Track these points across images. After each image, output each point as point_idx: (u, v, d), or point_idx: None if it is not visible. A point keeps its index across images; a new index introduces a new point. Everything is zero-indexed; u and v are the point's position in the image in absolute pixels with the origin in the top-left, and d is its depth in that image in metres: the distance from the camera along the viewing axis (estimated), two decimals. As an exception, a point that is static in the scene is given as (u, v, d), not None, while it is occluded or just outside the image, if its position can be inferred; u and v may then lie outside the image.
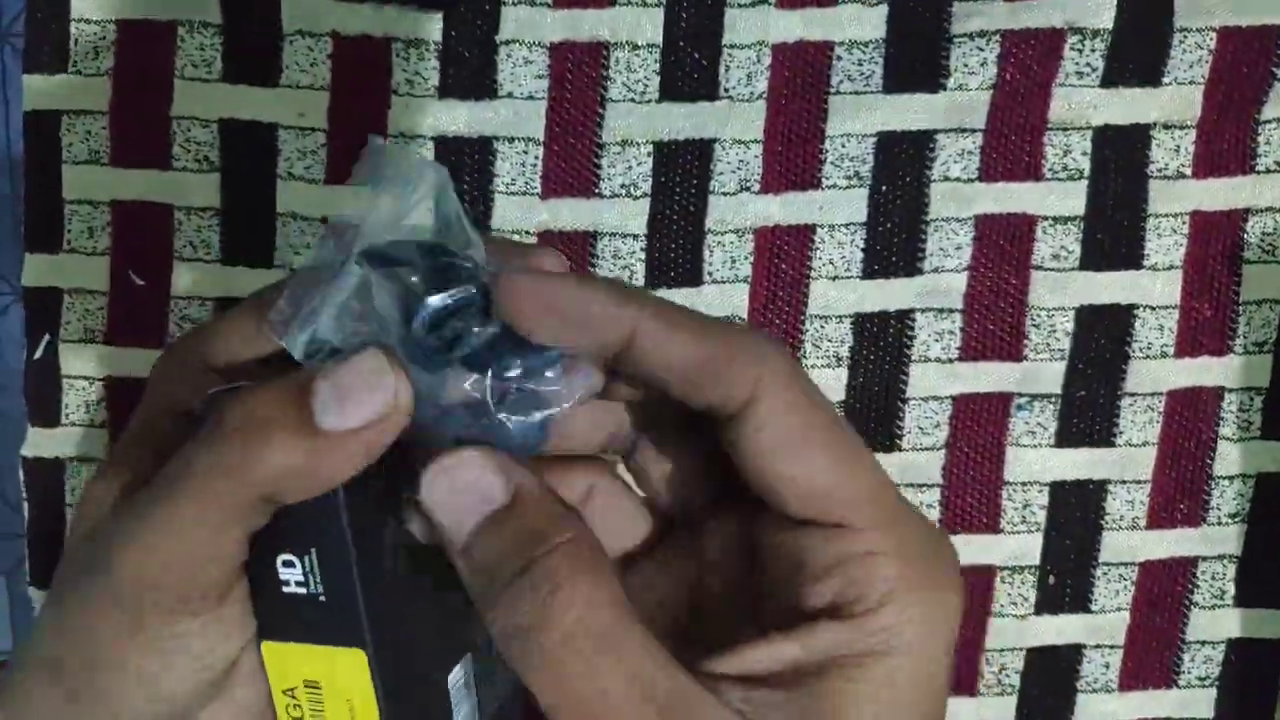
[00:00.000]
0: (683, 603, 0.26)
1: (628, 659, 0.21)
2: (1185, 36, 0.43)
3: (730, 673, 0.22)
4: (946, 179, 0.43)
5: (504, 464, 0.22)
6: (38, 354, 0.44)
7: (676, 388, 0.23)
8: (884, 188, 0.43)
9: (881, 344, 0.44)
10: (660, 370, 0.22)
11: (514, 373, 0.23)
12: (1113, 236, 0.44)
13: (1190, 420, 0.45)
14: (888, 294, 0.44)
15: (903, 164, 0.43)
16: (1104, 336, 0.44)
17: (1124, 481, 0.45)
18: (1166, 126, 0.44)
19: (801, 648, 0.22)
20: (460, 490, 0.22)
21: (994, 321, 0.44)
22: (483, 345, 0.22)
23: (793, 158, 0.43)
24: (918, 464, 0.45)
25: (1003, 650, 0.46)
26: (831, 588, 0.22)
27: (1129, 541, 0.46)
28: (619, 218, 0.43)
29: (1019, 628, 0.46)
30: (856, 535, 0.22)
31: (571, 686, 0.21)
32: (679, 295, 0.44)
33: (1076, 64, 0.43)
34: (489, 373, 0.22)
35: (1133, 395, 0.45)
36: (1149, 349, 0.44)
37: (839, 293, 0.44)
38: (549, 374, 0.23)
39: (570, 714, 0.21)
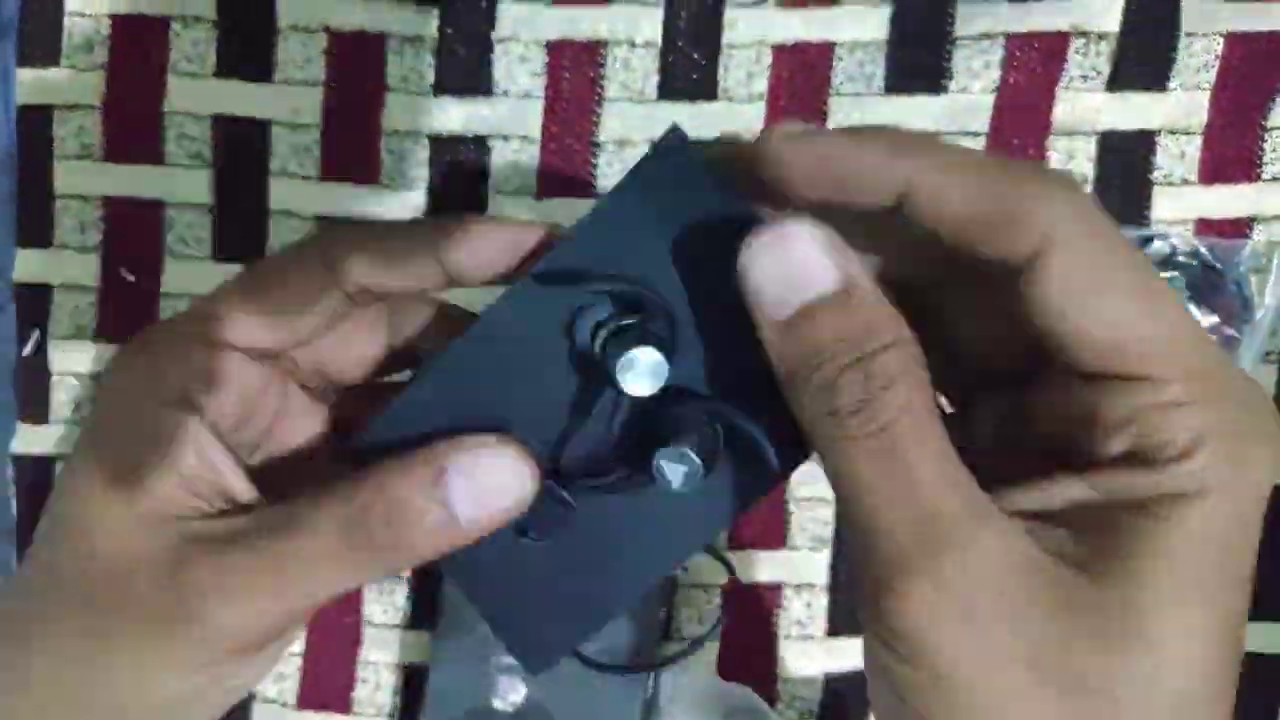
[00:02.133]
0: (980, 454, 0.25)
1: (938, 456, 0.21)
2: (1193, 41, 0.42)
3: (1012, 509, 0.21)
4: (948, 183, 0.43)
5: (838, 247, 0.21)
6: (27, 350, 0.44)
7: (960, 241, 0.21)
8: (884, 191, 0.43)
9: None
10: (940, 224, 0.21)
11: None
12: (1116, 243, 0.43)
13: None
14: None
15: (903, 167, 0.43)
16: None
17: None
18: (1172, 132, 0.43)
19: (1092, 487, 0.21)
20: (790, 264, 0.21)
21: (994, 328, 0.44)
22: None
23: (792, 160, 0.42)
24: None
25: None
26: (1128, 438, 0.21)
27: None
28: (615, 219, 0.43)
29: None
30: (1158, 386, 0.21)
31: (882, 470, 0.20)
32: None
33: (1081, 67, 0.42)
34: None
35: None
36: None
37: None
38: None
39: (874, 494, 0.21)
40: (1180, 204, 0.43)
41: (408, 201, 0.42)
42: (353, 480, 0.23)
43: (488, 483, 0.23)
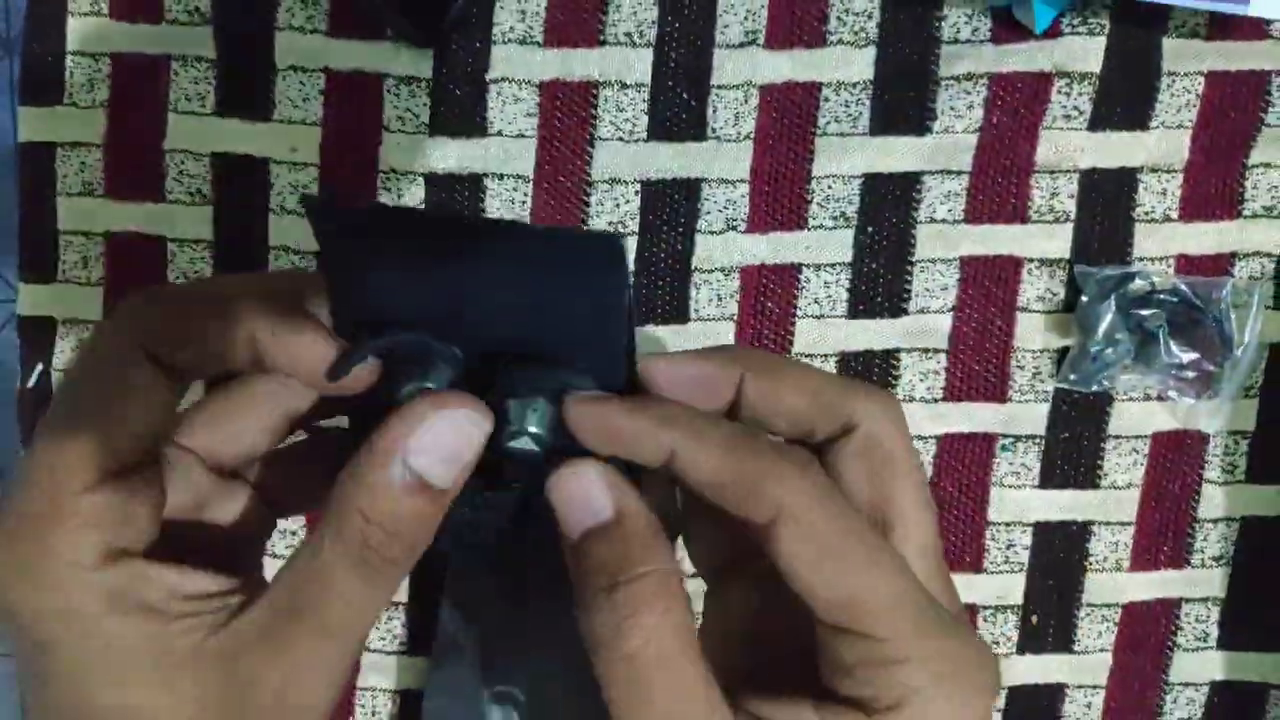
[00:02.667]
0: (742, 635, 0.28)
1: (679, 686, 0.23)
2: (1173, 80, 0.43)
3: (756, 714, 0.24)
4: (932, 220, 0.43)
5: (615, 482, 0.25)
6: (31, 382, 0.45)
7: (716, 500, 0.24)
8: (870, 228, 0.43)
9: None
10: (697, 486, 0.24)
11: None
12: (1099, 279, 0.44)
13: (1175, 463, 0.45)
14: (873, 334, 0.44)
15: (889, 205, 0.43)
16: (1089, 378, 0.44)
17: (1108, 523, 0.45)
18: (1153, 170, 0.44)
19: (819, 717, 0.24)
20: (574, 498, 0.25)
21: (979, 362, 0.44)
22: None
23: (779, 198, 0.43)
24: (902, 502, 0.45)
25: (985, 689, 0.46)
26: (852, 685, 0.24)
27: (1112, 582, 0.46)
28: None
29: (1002, 667, 0.46)
30: (878, 644, 0.23)
31: (628, 692, 0.23)
32: (666, 331, 0.44)
33: (1064, 107, 0.43)
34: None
35: (1117, 438, 0.45)
36: (1132, 392, 0.45)
37: (824, 332, 0.44)
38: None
39: (623, 714, 0.23)
40: (1162, 241, 0.44)
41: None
42: (334, 510, 0.24)
43: (450, 445, 0.24)
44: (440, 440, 0.24)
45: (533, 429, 0.25)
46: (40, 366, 0.44)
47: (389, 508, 0.23)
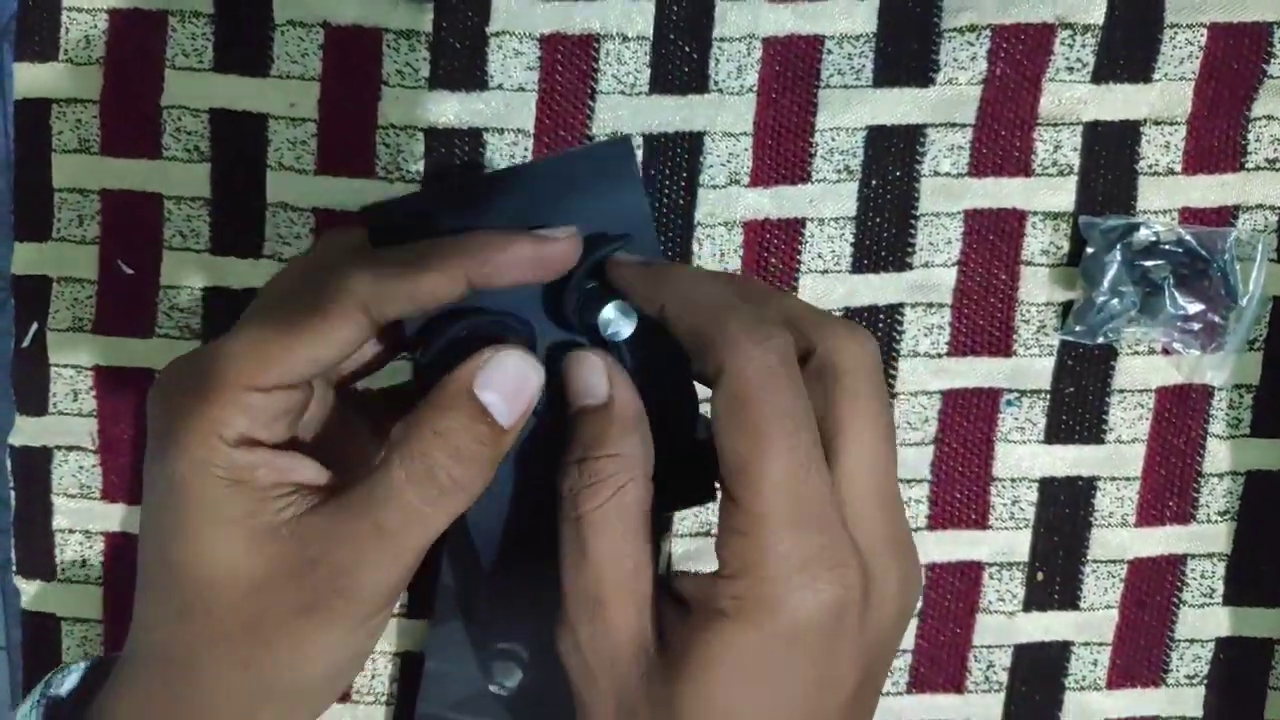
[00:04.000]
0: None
1: (614, 551, 0.27)
2: (1176, 33, 0.43)
3: (673, 592, 0.28)
4: (936, 174, 0.43)
5: (614, 373, 0.29)
6: (26, 342, 0.44)
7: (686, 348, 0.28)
8: (874, 182, 0.43)
9: (870, 338, 0.44)
10: (677, 336, 0.28)
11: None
12: (1102, 232, 0.44)
13: (1180, 417, 0.45)
14: (877, 288, 0.44)
15: (892, 158, 0.43)
16: (1093, 332, 0.44)
17: (1113, 478, 0.45)
18: (1157, 122, 0.44)
19: (692, 587, 0.27)
20: (579, 377, 0.29)
21: (983, 317, 0.44)
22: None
23: (782, 151, 0.43)
24: (906, 459, 0.44)
25: (990, 647, 0.46)
26: (722, 547, 0.26)
27: (1118, 539, 0.45)
28: (608, 210, 0.43)
29: (1007, 624, 0.46)
30: (740, 513, 0.26)
31: (573, 546, 0.27)
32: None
33: (1067, 59, 0.43)
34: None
35: (1122, 392, 0.45)
36: (1137, 346, 0.44)
37: (828, 286, 0.44)
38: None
39: (566, 563, 0.27)
40: (1165, 193, 0.44)
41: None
42: (407, 428, 0.27)
43: (512, 383, 0.27)
44: (502, 377, 0.27)
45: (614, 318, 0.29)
46: (35, 326, 0.44)
47: (456, 430, 0.26)
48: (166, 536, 0.27)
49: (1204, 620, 0.46)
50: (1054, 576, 0.45)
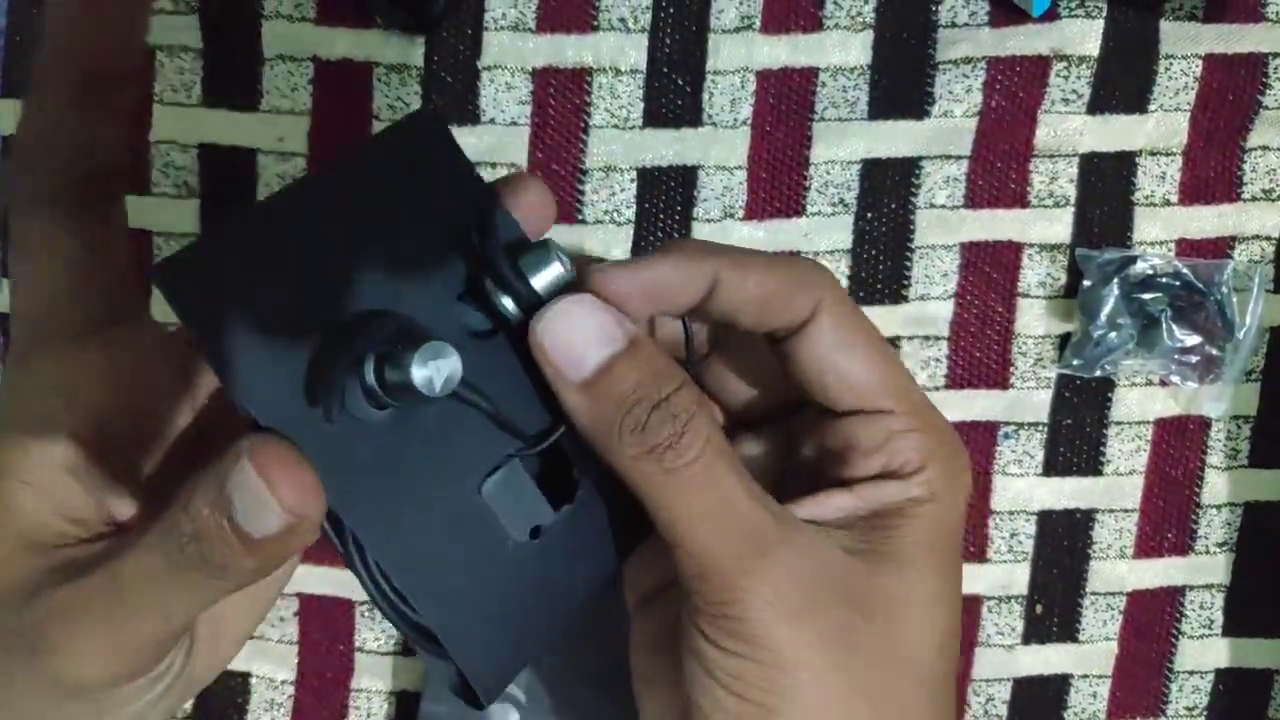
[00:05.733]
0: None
1: (744, 477, 0.25)
2: (1171, 64, 0.43)
3: (804, 516, 0.27)
4: (932, 206, 0.43)
5: (617, 313, 0.25)
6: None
7: (752, 318, 0.27)
8: (869, 215, 0.43)
9: (867, 372, 0.44)
10: (738, 306, 0.27)
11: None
12: (1099, 264, 0.44)
13: (1178, 449, 0.45)
14: (873, 321, 0.43)
15: (888, 191, 0.43)
16: (1091, 364, 0.44)
17: (1111, 510, 0.45)
18: (1153, 153, 0.43)
19: (857, 499, 0.27)
20: (583, 329, 0.24)
21: (980, 350, 0.44)
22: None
23: (777, 184, 0.43)
24: (904, 492, 0.44)
25: (990, 681, 0.45)
26: (881, 459, 0.27)
27: (1117, 571, 0.45)
28: (602, 244, 0.43)
29: (1006, 658, 0.45)
30: (896, 419, 0.28)
31: (702, 495, 0.25)
32: (663, 322, 0.43)
33: (1063, 90, 0.43)
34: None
35: (1120, 424, 0.44)
36: (1135, 378, 0.44)
37: (824, 320, 0.43)
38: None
39: (699, 520, 0.25)
40: (1162, 224, 0.44)
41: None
42: (175, 498, 0.22)
43: (259, 504, 0.21)
44: (248, 491, 0.21)
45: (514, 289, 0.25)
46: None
47: (205, 521, 0.22)
48: None
49: (1203, 651, 0.46)
50: (1053, 609, 0.45)
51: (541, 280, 0.25)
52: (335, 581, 0.44)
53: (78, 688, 0.23)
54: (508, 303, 0.25)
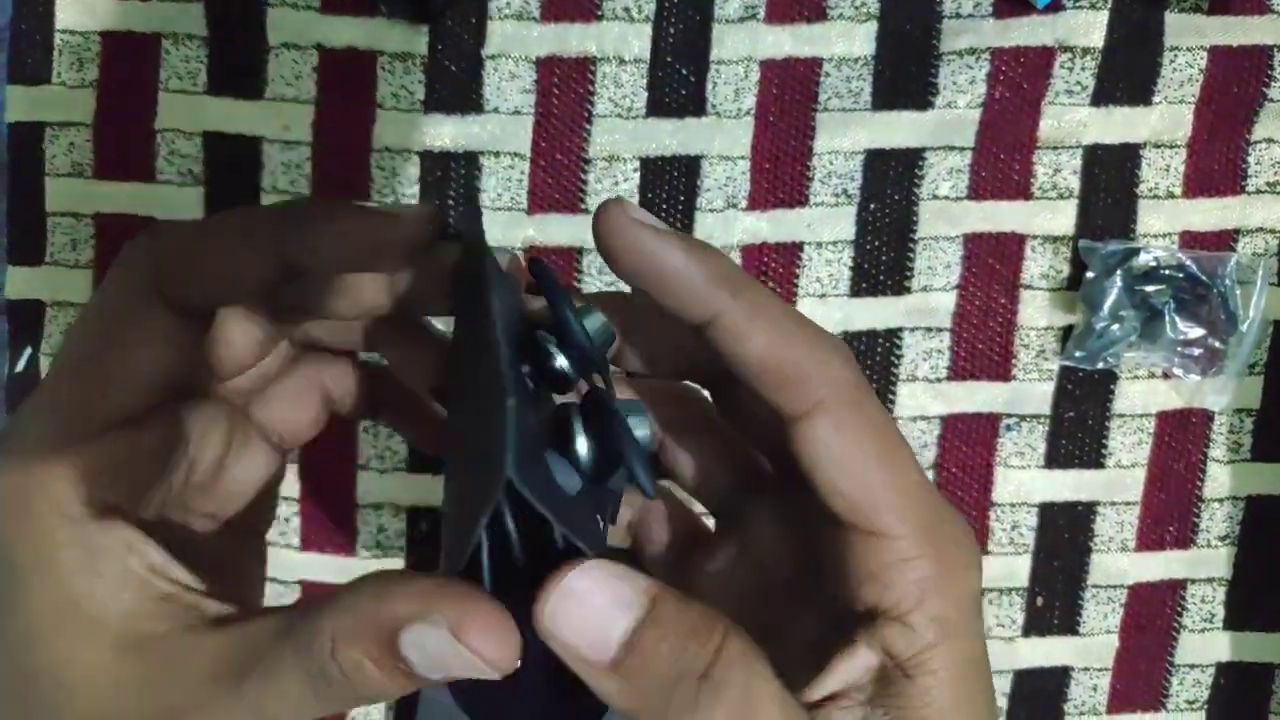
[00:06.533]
0: (751, 586, 0.28)
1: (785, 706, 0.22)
2: (1176, 55, 0.43)
3: (829, 694, 0.24)
4: (935, 197, 0.43)
5: (625, 570, 0.21)
6: (20, 367, 0.44)
7: (750, 379, 0.23)
8: (872, 205, 0.43)
9: (869, 363, 0.44)
10: (734, 358, 0.23)
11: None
12: (1102, 256, 0.43)
13: (1180, 442, 0.45)
14: (876, 312, 0.43)
15: (891, 182, 0.43)
16: (1093, 356, 0.44)
17: (1113, 503, 0.45)
18: (1157, 145, 0.43)
19: (876, 653, 0.23)
20: (595, 604, 0.21)
21: (983, 341, 0.44)
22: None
23: (780, 175, 0.43)
24: (905, 484, 0.44)
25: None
26: (874, 592, 0.23)
27: (1118, 564, 0.45)
28: (605, 234, 0.43)
29: (1006, 650, 0.45)
30: (894, 543, 0.23)
31: None
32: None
33: (1066, 82, 0.43)
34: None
35: (1122, 417, 0.44)
36: (1137, 370, 0.44)
37: (826, 311, 0.43)
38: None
39: None
40: (1165, 217, 0.44)
41: (399, 217, 0.43)
42: (315, 610, 0.21)
43: (448, 660, 0.20)
44: (432, 649, 0.20)
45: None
46: (29, 350, 0.44)
47: (356, 657, 0.20)
48: (14, 643, 0.22)
49: (1204, 645, 0.46)
50: (1053, 602, 0.45)
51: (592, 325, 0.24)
52: (339, 569, 0.44)
53: None
54: (584, 453, 0.23)
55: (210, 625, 0.22)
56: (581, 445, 0.22)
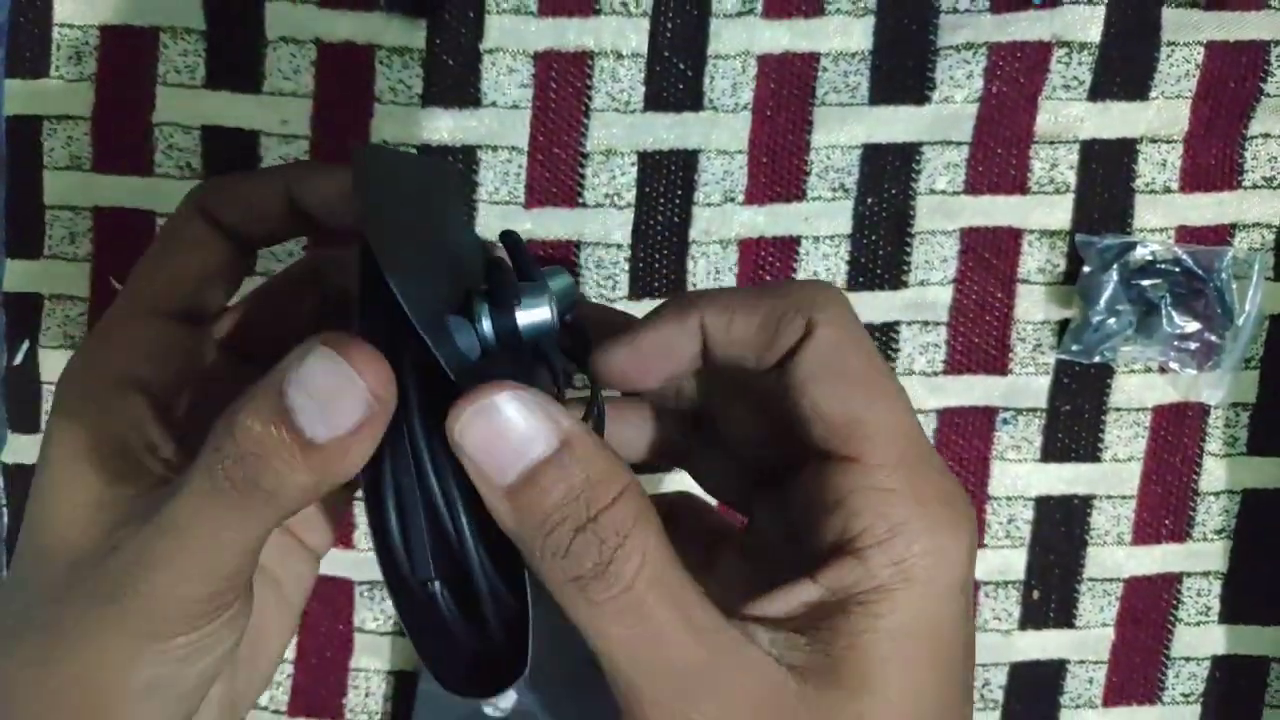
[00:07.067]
0: (743, 564, 0.28)
1: (681, 604, 0.21)
2: (1173, 50, 0.43)
3: (759, 615, 0.23)
4: (932, 191, 0.43)
5: (544, 405, 0.21)
6: (17, 360, 0.44)
7: (752, 360, 0.24)
8: (869, 200, 0.43)
9: (866, 357, 0.44)
10: (734, 351, 0.24)
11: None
12: (1099, 250, 0.44)
13: (1176, 436, 0.45)
14: (873, 306, 0.44)
15: (888, 176, 0.43)
16: (1090, 351, 0.44)
17: (1109, 497, 0.45)
18: (1153, 140, 0.43)
19: (820, 588, 0.22)
20: (502, 430, 0.21)
21: (979, 335, 0.44)
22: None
23: (777, 169, 0.43)
24: (902, 477, 0.44)
25: (986, 665, 0.46)
26: (840, 520, 0.22)
27: (1114, 557, 0.45)
28: (603, 227, 0.43)
29: (1003, 643, 0.46)
30: (866, 470, 0.22)
31: (630, 629, 0.21)
32: (663, 306, 0.43)
33: (1064, 77, 0.43)
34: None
35: (1119, 410, 0.44)
36: (1134, 364, 0.44)
37: (823, 305, 0.43)
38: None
39: (627, 653, 0.21)
40: (1162, 211, 0.44)
41: (397, 211, 0.43)
42: (216, 423, 0.22)
43: (333, 393, 0.21)
44: (312, 378, 0.21)
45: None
46: (27, 343, 0.44)
47: (255, 432, 0.21)
48: (34, 493, 0.25)
49: (1200, 638, 0.46)
50: (1049, 595, 0.45)
51: (526, 318, 0.24)
52: (335, 562, 0.44)
53: (154, 636, 0.23)
54: (487, 326, 0.24)
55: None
56: (481, 311, 0.24)
